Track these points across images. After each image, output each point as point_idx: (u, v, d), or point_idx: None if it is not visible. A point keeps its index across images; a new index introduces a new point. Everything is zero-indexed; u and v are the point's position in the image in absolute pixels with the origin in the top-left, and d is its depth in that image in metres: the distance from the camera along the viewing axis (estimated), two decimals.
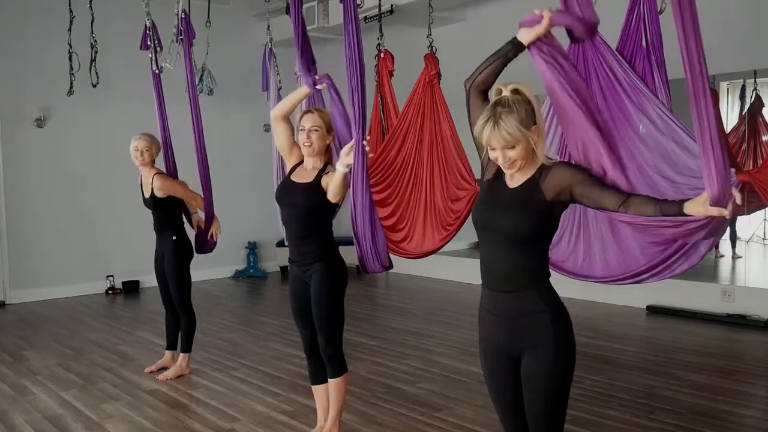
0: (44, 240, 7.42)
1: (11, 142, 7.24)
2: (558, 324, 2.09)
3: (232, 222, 8.52)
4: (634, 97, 3.60)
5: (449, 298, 7.12)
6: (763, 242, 6.46)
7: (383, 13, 5.63)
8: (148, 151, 4.56)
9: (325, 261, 3.29)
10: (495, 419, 3.70)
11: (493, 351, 2.21)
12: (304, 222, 3.27)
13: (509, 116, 2.04)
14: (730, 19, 5.60)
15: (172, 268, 4.58)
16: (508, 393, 2.21)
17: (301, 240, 3.30)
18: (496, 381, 2.23)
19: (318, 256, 3.28)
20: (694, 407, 3.83)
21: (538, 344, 2.09)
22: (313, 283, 3.29)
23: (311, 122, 3.25)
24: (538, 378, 2.10)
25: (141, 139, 4.59)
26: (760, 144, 6.06)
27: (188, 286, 4.66)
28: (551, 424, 2.14)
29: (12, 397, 4.26)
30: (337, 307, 3.32)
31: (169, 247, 4.58)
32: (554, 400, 2.12)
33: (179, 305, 4.64)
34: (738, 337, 5.41)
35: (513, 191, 2.15)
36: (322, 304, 3.28)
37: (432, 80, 4.89)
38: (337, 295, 3.32)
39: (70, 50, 5.73)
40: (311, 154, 3.27)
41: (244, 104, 8.28)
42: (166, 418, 3.89)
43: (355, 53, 3.23)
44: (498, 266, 2.14)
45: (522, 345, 2.12)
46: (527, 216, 2.09)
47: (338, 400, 3.40)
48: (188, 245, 4.68)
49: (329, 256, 3.32)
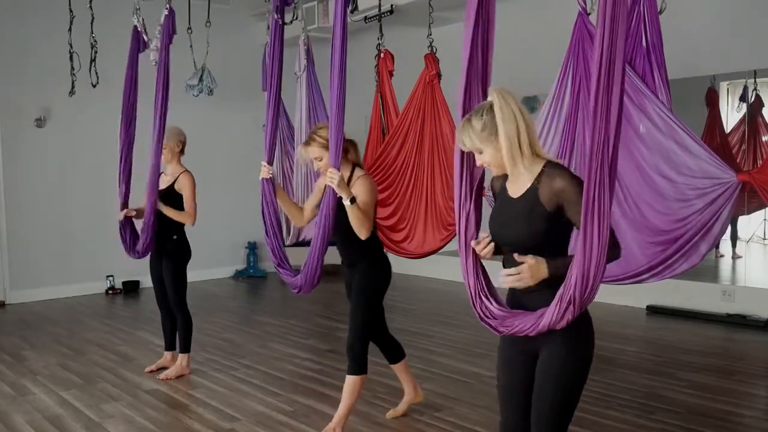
0: (44, 240, 7.42)
1: (11, 142, 7.24)
2: (575, 324, 2.06)
3: (232, 222, 8.55)
4: (634, 97, 3.60)
5: (449, 298, 7.12)
6: (763, 242, 6.46)
7: (383, 13, 5.64)
8: (165, 147, 4.53)
9: (368, 262, 3.48)
10: (495, 419, 3.70)
11: (511, 348, 2.24)
12: (346, 228, 3.38)
13: (469, 125, 2.11)
14: (731, 19, 5.61)
15: (171, 268, 4.56)
16: (519, 390, 2.22)
17: (345, 244, 3.49)
18: (510, 377, 2.25)
19: (361, 258, 3.47)
20: (694, 407, 3.83)
21: (555, 342, 2.10)
22: (355, 282, 3.49)
23: (309, 155, 3.44)
24: (550, 373, 2.11)
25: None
26: (760, 144, 6.06)
27: (184, 287, 4.64)
28: (555, 419, 2.13)
29: (12, 397, 4.26)
30: (371, 307, 3.48)
31: (168, 246, 4.57)
32: (561, 396, 2.12)
33: (175, 306, 4.61)
34: (738, 337, 5.41)
35: (516, 202, 2.16)
36: (359, 301, 3.46)
37: (432, 80, 4.89)
38: (374, 295, 3.49)
39: (70, 50, 5.73)
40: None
41: (244, 104, 8.28)
42: (166, 418, 3.89)
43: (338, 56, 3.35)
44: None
45: (540, 343, 2.13)
46: (533, 227, 2.10)
47: (349, 399, 3.46)
48: (187, 246, 4.66)
49: (372, 258, 3.49)
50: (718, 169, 3.55)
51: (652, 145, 3.58)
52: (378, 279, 3.49)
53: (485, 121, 2.08)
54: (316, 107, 5.32)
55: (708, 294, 5.95)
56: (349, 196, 3.27)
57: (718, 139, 6.11)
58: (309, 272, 3.53)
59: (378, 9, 5.54)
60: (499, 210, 2.22)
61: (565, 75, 4.01)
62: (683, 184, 3.54)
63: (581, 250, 1.97)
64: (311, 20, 7.32)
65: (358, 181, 3.40)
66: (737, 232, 6.46)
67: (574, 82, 3.92)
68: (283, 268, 3.77)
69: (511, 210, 2.16)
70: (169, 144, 4.54)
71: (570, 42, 3.98)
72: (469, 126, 2.11)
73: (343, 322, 6.20)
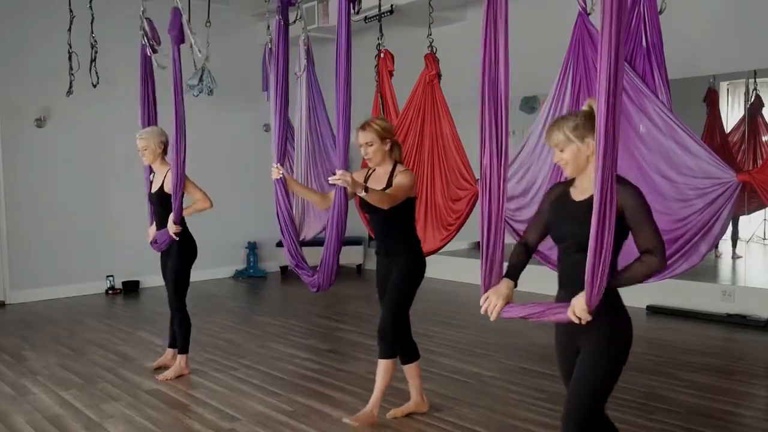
0: (44, 240, 7.42)
1: (11, 142, 7.24)
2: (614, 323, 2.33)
3: (232, 222, 8.55)
4: (634, 96, 3.60)
5: (449, 298, 7.12)
6: (763, 242, 6.46)
7: (383, 13, 5.63)
8: (146, 149, 4.53)
9: (405, 254, 3.61)
10: (496, 419, 3.71)
11: (564, 344, 2.46)
12: (385, 221, 3.57)
13: (564, 122, 2.33)
14: (731, 19, 5.61)
15: (173, 267, 4.55)
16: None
17: (384, 236, 3.65)
18: (564, 369, 2.48)
19: (401, 248, 3.61)
20: (694, 407, 3.83)
21: (594, 338, 2.30)
22: (395, 271, 3.60)
23: (362, 139, 3.55)
24: (585, 368, 2.31)
25: (138, 139, 4.56)
26: (760, 144, 6.06)
27: (185, 288, 4.62)
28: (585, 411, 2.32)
29: (12, 397, 4.26)
30: (407, 295, 3.62)
31: (174, 246, 4.54)
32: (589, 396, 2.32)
33: (174, 306, 4.59)
34: (738, 337, 5.41)
35: (579, 204, 2.35)
36: (396, 289, 3.58)
37: (432, 80, 4.88)
38: (411, 284, 3.62)
39: (70, 50, 5.72)
40: (375, 165, 3.62)
41: (244, 104, 8.28)
42: (166, 418, 3.89)
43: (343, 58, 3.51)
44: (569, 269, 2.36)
45: (583, 338, 2.34)
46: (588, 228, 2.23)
47: (383, 382, 3.64)
48: (193, 246, 4.62)
49: (409, 250, 3.63)
50: (718, 169, 3.55)
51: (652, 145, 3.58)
52: (417, 269, 3.63)
53: (579, 123, 2.31)
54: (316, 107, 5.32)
55: (708, 294, 5.95)
56: (362, 188, 3.36)
57: (718, 139, 6.11)
58: (326, 270, 3.71)
59: (378, 9, 5.54)
60: (562, 211, 2.41)
61: (565, 75, 4.01)
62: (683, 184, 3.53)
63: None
64: (311, 20, 7.32)
65: (401, 173, 3.53)
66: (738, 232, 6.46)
67: (574, 82, 3.92)
68: (301, 268, 3.88)
69: (573, 211, 2.35)
70: (150, 145, 4.53)
71: (570, 42, 3.98)
72: (564, 122, 2.33)
73: (343, 322, 6.21)
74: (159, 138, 4.57)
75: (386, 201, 3.42)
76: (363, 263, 8.97)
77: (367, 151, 3.55)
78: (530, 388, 4.20)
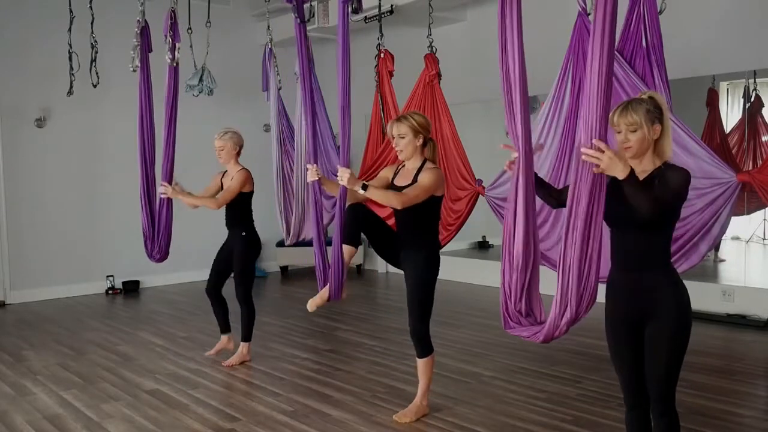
0: (44, 240, 7.42)
1: (11, 142, 7.24)
2: (679, 298, 2.39)
3: None
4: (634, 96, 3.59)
5: (449, 298, 7.11)
6: (763, 242, 6.46)
7: (383, 13, 5.64)
8: (222, 149, 4.74)
9: (424, 251, 3.63)
10: (495, 419, 3.71)
11: (621, 322, 2.50)
12: (409, 218, 3.58)
13: (639, 105, 2.40)
14: (731, 19, 5.60)
15: (240, 264, 4.77)
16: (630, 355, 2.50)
17: (407, 232, 3.66)
18: (621, 346, 2.52)
19: (420, 246, 3.63)
20: (694, 407, 3.83)
21: (661, 315, 2.39)
22: (417, 267, 3.62)
23: (395, 131, 3.55)
24: (660, 343, 2.40)
25: (217, 139, 4.77)
26: (760, 144, 6.06)
27: (252, 281, 4.88)
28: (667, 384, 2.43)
29: (12, 397, 4.26)
30: (429, 292, 3.65)
31: (239, 243, 4.75)
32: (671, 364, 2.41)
33: (242, 298, 4.83)
34: (738, 337, 5.41)
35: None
36: (417, 288, 3.62)
37: (432, 80, 4.89)
38: (431, 281, 3.65)
39: (70, 50, 5.73)
40: (404, 158, 3.60)
41: (244, 104, 8.28)
42: (166, 418, 3.89)
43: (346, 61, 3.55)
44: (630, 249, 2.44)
45: (647, 315, 2.42)
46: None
47: (427, 376, 3.72)
48: (257, 242, 4.87)
49: (428, 247, 3.65)
50: (717, 169, 3.55)
51: None
52: (433, 265, 3.66)
53: (650, 108, 2.40)
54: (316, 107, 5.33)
55: (708, 294, 5.94)
56: (359, 185, 3.39)
57: (718, 139, 6.10)
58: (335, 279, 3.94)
59: (378, 9, 5.54)
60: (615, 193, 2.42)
61: (565, 75, 4.01)
62: None
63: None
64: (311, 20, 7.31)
65: (426, 171, 3.52)
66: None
67: (574, 82, 3.93)
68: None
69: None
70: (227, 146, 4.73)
71: (570, 42, 3.98)
72: (639, 106, 2.40)
73: (343, 322, 6.21)
74: (236, 141, 4.78)
75: (396, 201, 3.43)
76: (363, 263, 8.97)
77: (398, 142, 3.55)
78: (530, 388, 4.20)
